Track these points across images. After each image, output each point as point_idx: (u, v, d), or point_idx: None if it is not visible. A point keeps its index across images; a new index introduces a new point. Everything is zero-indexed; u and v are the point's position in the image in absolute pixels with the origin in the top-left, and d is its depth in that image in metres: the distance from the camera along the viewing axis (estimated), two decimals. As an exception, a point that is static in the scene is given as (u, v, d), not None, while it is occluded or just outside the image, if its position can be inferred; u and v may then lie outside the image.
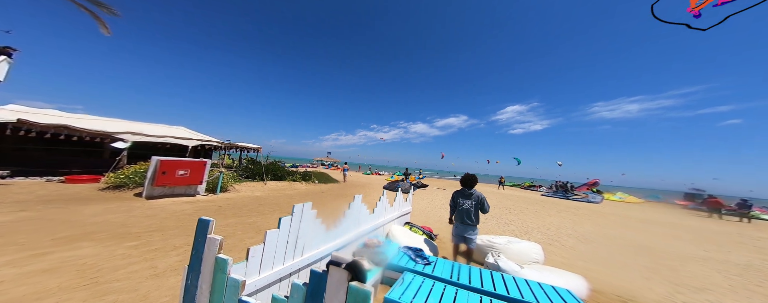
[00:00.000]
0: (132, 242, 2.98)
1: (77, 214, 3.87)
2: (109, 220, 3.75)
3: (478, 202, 2.90)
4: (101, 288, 2.01)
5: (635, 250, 4.64)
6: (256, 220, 4.59)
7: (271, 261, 1.47)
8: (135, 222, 3.77)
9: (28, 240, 2.75)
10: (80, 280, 2.08)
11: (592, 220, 8.24)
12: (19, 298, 1.77)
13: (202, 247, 1.01)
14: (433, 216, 6.46)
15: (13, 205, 4.02)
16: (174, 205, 5.18)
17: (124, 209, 4.45)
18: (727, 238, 6.80)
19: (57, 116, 8.07)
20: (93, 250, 2.66)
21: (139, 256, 2.65)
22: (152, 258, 2.64)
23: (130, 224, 3.65)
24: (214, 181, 6.87)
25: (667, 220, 9.62)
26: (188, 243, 3.16)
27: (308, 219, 1.73)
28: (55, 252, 2.53)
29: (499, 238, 3.49)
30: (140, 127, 9.32)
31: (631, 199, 16.67)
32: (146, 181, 5.49)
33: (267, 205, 6.16)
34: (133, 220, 3.84)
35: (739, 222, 10.49)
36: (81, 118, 8.46)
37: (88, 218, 3.73)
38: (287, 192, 8.55)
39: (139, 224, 3.69)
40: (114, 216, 3.97)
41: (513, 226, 6.22)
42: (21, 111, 7.48)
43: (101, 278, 2.15)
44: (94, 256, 2.52)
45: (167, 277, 2.31)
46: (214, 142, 10.51)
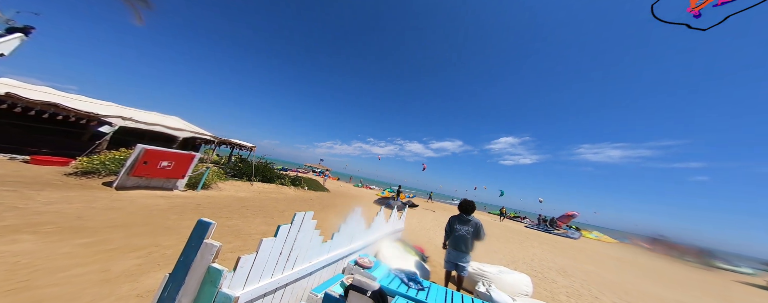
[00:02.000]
0: (84, 239, 2.49)
1: (28, 200, 3.28)
2: (64, 210, 3.19)
3: (475, 229, 2.82)
4: (30, 294, 1.58)
5: (607, 286, 4.91)
6: (237, 223, 4.14)
7: (259, 273, 1.26)
8: (94, 215, 3.23)
9: None
10: (6, 283, 1.63)
11: (570, 254, 8.37)
12: None
13: (194, 253, 0.83)
14: (423, 236, 6.21)
15: None
16: (146, 198, 4.61)
17: (86, 199, 3.86)
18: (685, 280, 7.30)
19: (49, 94, 7.40)
20: (33, 246, 2.17)
21: (90, 256, 2.19)
22: (106, 259, 2.19)
23: (88, 217, 3.12)
24: (198, 177, 6.32)
25: (634, 259, 10.26)
26: (155, 244, 2.72)
27: (307, 229, 1.55)
28: None
29: (491, 267, 3.36)
30: (132, 112, 8.69)
31: (606, 239, 17.42)
32: (123, 170, 4.92)
33: (251, 207, 5.66)
34: (93, 213, 3.30)
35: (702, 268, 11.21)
36: (73, 98, 7.80)
37: (40, 206, 3.16)
38: (274, 195, 7.99)
39: (98, 217, 3.16)
40: (71, 206, 3.40)
41: (500, 255, 6.12)
42: (13, 85, 6.81)
43: (35, 281, 1.71)
44: (31, 254, 2.05)
45: (120, 283, 1.90)
46: (207, 135, 9.93)
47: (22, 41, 7.25)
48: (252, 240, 3.50)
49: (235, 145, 11.15)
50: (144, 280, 2.03)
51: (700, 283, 7.61)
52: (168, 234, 3.08)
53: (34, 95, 6.32)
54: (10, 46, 6.91)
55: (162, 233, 3.06)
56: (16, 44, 7.11)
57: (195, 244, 0.84)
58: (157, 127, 8.23)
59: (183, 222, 3.64)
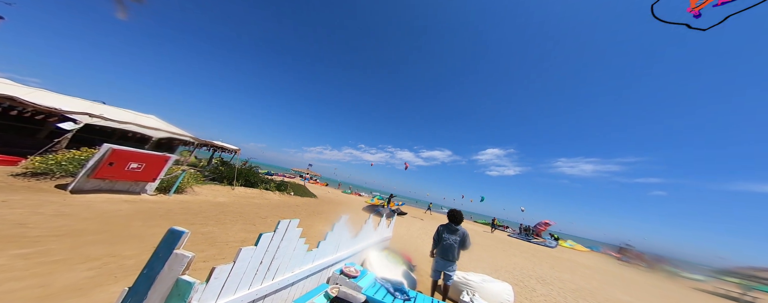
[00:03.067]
0: (23, 249, 2.14)
1: None
2: (3, 216, 2.73)
3: (461, 239, 2.85)
4: None
5: (582, 294, 5.15)
6: (212, 230, 3.80)
7: (236, 285, 1.16)
8: (39, 221, 2.80)
9: None
10: None
11: (548, 263, 8.68)
12: None
13: (160, 265, 0.74)
14: (410, 245, 6.11)
15: None
16: (107, 203, 4.10)
17: (32, 203, 3.35)
18: (649, 288, 7.92)
19: (6, 84, 6.53)
20: None
21: (27, 268, 1.87)
22: (47, 273, 1.88)
23: (32, 224, 2.69)
24: (172, 180, 5.79)
25: (605, 268, 10.92)
26: (111, 254, 2.39)
27: (291, 238, 1.47)
28: None
29: (474, 276, 3.37)
30: (103, 109, 7.88)
31: (579, 248, 18.47)
32: (82, 171, 4.36)
33: (229, 213, 5.24)
34: (38, 219, 2.86)
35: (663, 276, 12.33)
36: (33, 92, 6.93)
37: (-30, 209, 2.71)
38: (256, 201, 7.50)
39: (43, 225, 2.73)
40: (12, 211, 2.92)
41: (484, 263, 6.19)
42: None
43: None
44: None
45: (63, 299, 1.62)
46: (185, 136, 9.24)
47: None
48: (229, 248, 3.21)
49: (217, 148, 10.48)
50: (95, 294, 1.75)
51: (662, 290, 8.26)
52: (129, 242, 2.73)
53: None
54: None
55: (122, 241, 2.71)
56: None
57: (163, 255, 0.75)
58: (130, 125, 7.54)
59: (149, 229, 3.26)
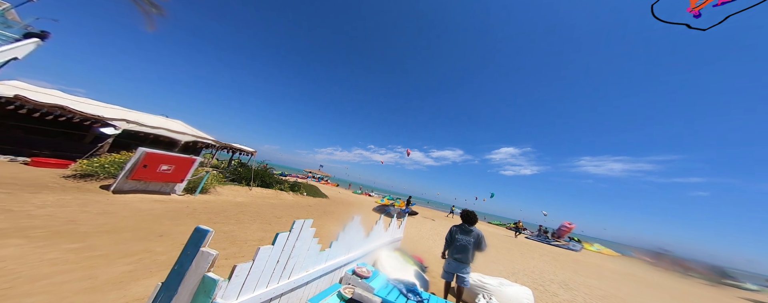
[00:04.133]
0: (73, 244, 2.40)
1: (22, 203, 3.19)
2: (56, 213, 3.10)
3: (476, 240, 2.77)
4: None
5: (610, 301, 4.72)
6: (232, 229, 4.03)
7: (255, 283, 1.21)
8: (87, 219, 3.13)
9: None
10: None
11: (572, 267, 8.11)
12: None
13: (188, 262, 0.80)
14: (422, 245, 6.04)
15: None
16: (142, 202, 4.51)
17: (80, 202, 3.77)
18: (689, 296, 7.04)
19: (57, 96, 7.49)
20: (19, 251, 2.08)
21: (77, 262, 2.09)
22: (93, 266, 2.09)
23: (80, 221, 3.02)
24: (197, 181, 6.23)
25: (638, 274, 9.89)
26: (146, 250, 2.62)
27: (306, 238, 1.51)
28: None
29: (491, 279, 3.26)
30: (137, 116, 8.74)
31: (608, 252, 16.96)
32: (122, 173, 4.85)
33: (247, 212, 5.53)
34: (85, 217, 3.20)
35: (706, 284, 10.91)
36: (80, 101, 7.87)
37: (33, 209, 3.08)
38: (272, 201, 7.84)
39: (90, 222, 3.06)
40: (64, 209, 3.30)
41: (500, 266, 5.94)
42: (22, 87, 6.91)
43: (15, 289, 1.62)
44: (17, 259, 1.95)
45: (106, 291, 1.79)
46: (208, 139, 9.92)
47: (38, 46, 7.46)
48: (247, 247, 3.39)
49: (235, 150, 11.12)
50: (133, 287, 1.93)
51: (704, 299, 7.35)
52: (161, 240, 2.98)
53: (42, 98, 6.37)
54: (24, 50, 7.08)
55: (155, 239, 2.96)
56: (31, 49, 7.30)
57: (191, 253, 0.81)
58: (160, 130, 8.25)
59: (177, 227, 3.53)
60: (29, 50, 7.23)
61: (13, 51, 6.75)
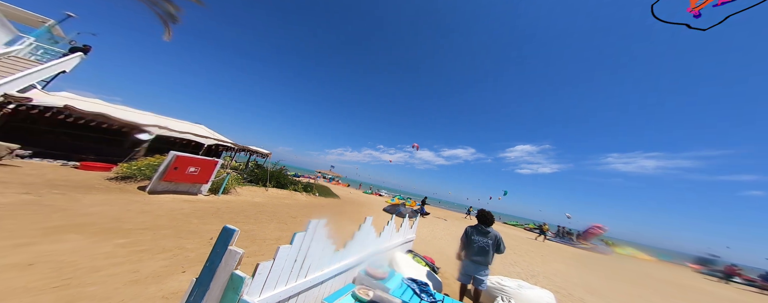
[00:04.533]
0: (120, 239, 2.70)
1: (75, 203, 3.65)
2: (104, 212, 3.50)
3: (495, 242, 2.70)
4: (72, 292, 1.71)
5: None
6: (252, 228, 4.28)
7: (275, 281, 1.28)
8: (129, 217, 3.50)
9: (18, 226, 2.51)
10: (52, 281, 1.79)
11: (600, 271, 7.54)
12: None
13: (219, 260, 0.87)
14: (434, 246, 5.97)
15: (18, 187, 3.83)
16: (173, 202, 4.94)
17: (123, 202, 4.23)
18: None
19: (99, 105, 8.46)
20: (78, 245, 2.38)
21: (124, 256, 2.36)
22: (137, 260, 2.34)
23: (124, 219, 3.39)
24: (219, 182, 6.69)
25: (680, 281, 8.88)
26: (178, 246, 2.88)
27: (320, 238, 1.57)
28: (39, 243, 2.27)
29: (510, 281, 3.14)
30: (166, 121, 9.61)
31: (641, 255, 15.43)
32: (155, 175, 5.36)
33: (265, 212, 5.83)
34: (128, 215, 3.58)
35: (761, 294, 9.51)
36: (119, 108, 8.82)
37: (85, 208, 3.51)
38: (287, 201, 8.19)
39: (132, 220, 3.42)
40: (110, 208, 3.72)
41: (518, 268, 5.70)
42: (70, 98, 7.89)
43: (76, 280, 1.86)
44: (76, 252, 2.24)
45: (148, 284, 2.00)
46: (228, 142, 10.61)
47: (82, 59, 8.46)
48: (266, 245, 3.58)
49: (252, 152, 11.75)
50: (169, 282, 2.13)
51: None
52: (190, 237, 3.25)
53: (87, 107, 7.20)
54: (71, 64, 8.08)
55: (185, 236, 3.23)
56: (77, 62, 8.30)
57: (220, 251, 0.88)
58: (187, 134, 8.97)
59: (204, 226, 3.83)
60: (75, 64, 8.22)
61: (61, 65, 7.71)
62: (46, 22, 8.57)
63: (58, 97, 7.50)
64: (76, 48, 8.50)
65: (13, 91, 5.91)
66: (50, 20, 8.66)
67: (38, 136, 7.21)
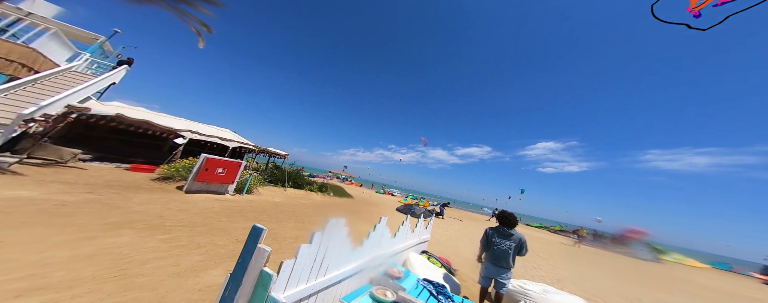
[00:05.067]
0: (163, 235, 3.03)
1: (127, 201, 4.17)
2: (150, 210, 3.95)
3: (518, 244, 2.60)
4: (126, 282, 1.96)
5: None
6: (273, 227, 4.54)
7: (297, 279, 1.36)
8: (170, 215, 3.92)
9: (85, 222, 2.93)
10: (112, 271, 2.07)
11: (643, 280, 6.76)
12: (55, 283, 1.78)
13: (249, 257, 0.95)
14: (449, 247, 5.84)
15: (83, 187, 4.47)
16: (205, 201, 5.42)
17: (164, 201, 4.74)
18: None
19: (143, 112, 9.62)
20: (130, 239, 2.72)
21: (167, 250, 2.64)
22: (177, 254, 2.61)
23: (166, 216, 3.79)
24: (243, 183, 7.20)
25: (749, 294, 7.45)
26: (211, 243, 3.15)
27: (340, 237, 1.62)
28: (101, 237, 2.63)
29: (533, 285, 2.98)
30: (197, 126, 10.60)
31: (692, 263, 13.44)
32: (190, 176, 5.94)
33: (284, 212, 6.15)
34: (169, 213, 4.00)
35: None
36: (157, 116, 9.94)
37: (135, 206, 3.99)
38: (303, 201, 8.55)
39: (173, 217, 3.81)
40: (155, 207, 4.19)
41: (542, 271, 5.36)
42: (120, 107, 9.07)
43: (129, 271, 2.13)
44: (129, 246, 2.56)
45: (186, 277, 2.21)
46: (250, 145, 11.39)
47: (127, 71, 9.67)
48: (286, 243, 3.79)
49: (271, 154, 12.46)
50: (204, 276, 2.34)
51: None
52: (221, 234, 3.54)
53: (134, 114, 8.20)
54: (119, 75, 9.28)
55: (216, 233, 3.54)
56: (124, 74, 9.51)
57: (250, 249, 0.96)
58: (214, 138, 9.80)
59: (232, 224, 4.15)
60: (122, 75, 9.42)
61: (112, 77, 8.87)
62: (98, 38, 9.91)
63: (111, 107, 8.64)
64: (122, 61, 9.75)
65: (75, 102, 6.91)
66: (101, 37, 9.99)
67: (95, 141, 8.37)
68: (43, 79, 6.92)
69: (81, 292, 1.74)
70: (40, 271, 1.87)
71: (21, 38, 7.13)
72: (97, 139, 8.51)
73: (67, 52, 8.76)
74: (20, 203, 3.10)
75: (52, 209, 3.12)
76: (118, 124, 7.35)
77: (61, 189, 4.03)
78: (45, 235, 2.44)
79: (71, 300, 1.65)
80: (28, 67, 6.72)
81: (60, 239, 2.41)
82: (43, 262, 2.00)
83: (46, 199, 3.43)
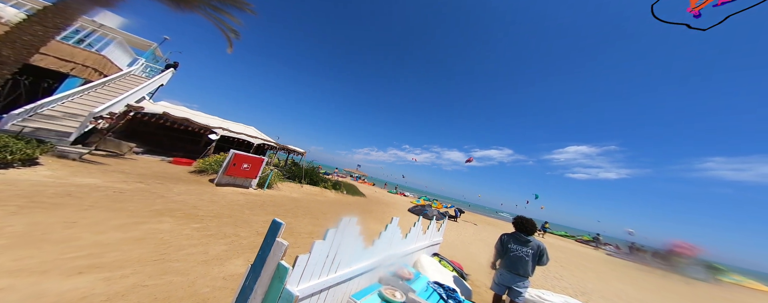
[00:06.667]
0: (197, 224, 3.33)
1: (169, 191, 4.67)
2: (186, 200, 4.38)
3: (536, 252, 2.43)
4: (164, 266, 2.17)
5: None
6: (290, 222, 4.77)
7: (310, 274, 1.41)
8: (203, 205, 4.30)
9: (137, 208, 3.34)
10: (154, 254, 2.31)
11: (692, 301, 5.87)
12: (109, 263, 2.02)
13: (268, 250, 1.01)
14: (461, 251, 5.63)
15: (136, 177, 5.09)
16: (232, 194, 5.89)
17: (198, 192, 5.24)
18: None
19: (184, 111, 10.80)
20: (170, 226, 3.03)
21: (199, 238, 2.89)
22: (207, 243, 2.84)
23: (199, 207, 4.17)
24: (265, 178, 7.69)
25: None
26: (235, 233, 3.40)
27: (352, 234, 1.65)
28: (148, 223, 2.96)
29: (553, 296, 2.75)
30: (227, 124, 11.63)
31: (754, 285, 11.35)
32: (220, 170, 6.50)
33: (301, 207, 6.43)
34: (202, 204, 4.40)
35: None
36: (196, 114, 11.10)
37: (175, 196, 4.47)
38: (318, 198, 8.86)
39: (205, 208, 4.17)
40: (190, 197, 4.63)
41: (565, 282, 4.93)
42: (167, 106, 10.30)
43: (168, 255, 2.36)
44: (169, 232, 2.85)
45: (213, 265, 2.40)
46: (272, 142, 12.16)
47: (173, 74, 10.97)
48: (301, 238, 3.96)
49: (290, 151, 13.13)
50: (228, 265, 2.52)
51: None
52: (244, 226, 3.81)
53: (177, 112, 9.25)
54: (167, 77, 10.54)
55: (240, 225, 3.81)
56: (170, 76, 10.79)
57: (270, 242, 1.02)
58: (242, 135, 10.64)
59: (254, 217, 4.45)
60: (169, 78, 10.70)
61: (161, 79, 10.10)
62: (151, 45, 11.34)
63: (159, 106, 9.81)
64: (169, 65, 11.07)
65: (133, 102, 7.97)
66: (154, 44, 11.43)
67: (146, 136, 9.60)
68: (110, 82, 8.11)
69: (128, 273, 1.97)
70: (98, 251, 2.17)
71: (94, 47, 8.35)
72: (147, 135, 9.74)
73: (128, 57, 10.15)
74: (89, 189, 3.62)
75: (112, 195, 3.61)
76: (164, 121, 8.32)
77: (119, 178, 4.64)
78: (105, 218, 2.82)
79: (120, 279, 1.88)
80: (99, 72, 7.88)
81: (116, 223, 2.77)
82: (102, 242, 2.32)
83: (108, 186, 3.98)
